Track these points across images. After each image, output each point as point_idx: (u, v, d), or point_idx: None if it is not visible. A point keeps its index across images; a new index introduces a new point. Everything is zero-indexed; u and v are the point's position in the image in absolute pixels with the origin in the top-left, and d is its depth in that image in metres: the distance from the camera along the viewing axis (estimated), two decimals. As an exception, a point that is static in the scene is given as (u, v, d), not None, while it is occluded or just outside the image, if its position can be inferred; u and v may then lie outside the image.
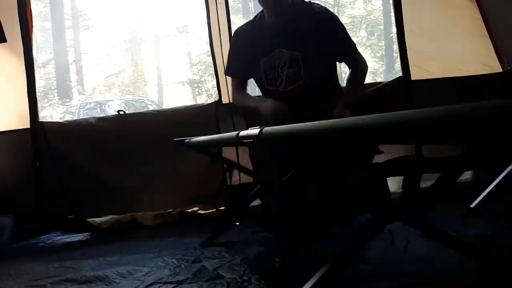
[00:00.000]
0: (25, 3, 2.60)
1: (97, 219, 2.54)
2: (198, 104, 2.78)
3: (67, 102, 12.31)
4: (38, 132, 2.61)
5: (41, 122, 2.65)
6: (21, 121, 2.62)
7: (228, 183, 2.52)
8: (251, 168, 2.55)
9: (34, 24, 2.71)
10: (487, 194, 2.01)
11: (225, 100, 2.67)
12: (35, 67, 2.72)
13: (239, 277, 1.47)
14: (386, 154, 1.70)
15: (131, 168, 2.58)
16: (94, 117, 2.74)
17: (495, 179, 2.01)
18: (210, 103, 2.72)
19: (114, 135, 2.60)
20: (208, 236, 1.97)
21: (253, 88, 2.32)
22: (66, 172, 2.55)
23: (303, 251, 1.73)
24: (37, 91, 2.70)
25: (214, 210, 2.48)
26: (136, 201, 2.58)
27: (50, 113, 11.68)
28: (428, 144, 1.82)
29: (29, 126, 2.62)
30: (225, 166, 2.43)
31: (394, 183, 2.19)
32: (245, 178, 2.58)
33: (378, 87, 2.49)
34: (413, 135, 0.68)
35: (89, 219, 2.54)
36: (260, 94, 2.15)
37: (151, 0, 15.47)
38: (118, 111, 2.71)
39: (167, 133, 2.29)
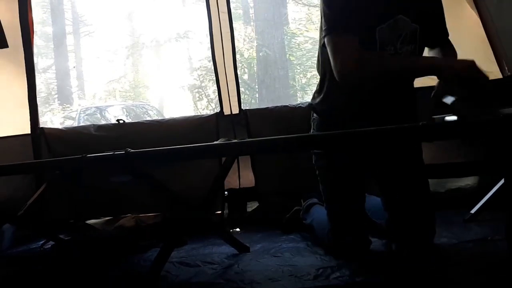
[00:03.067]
0: (26, 9, 2.62)
1: (99, 222, 2.54)
2: (199, 115, 2.75)
3: (68, 107, 12.31)
4: (39, 137, 2.62)
5: (42, 128, 2.66)
6: (22, 127, 2.63)
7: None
8: (251, 173, 2.56)
9: (35, 30, 2.72)
10: (487, 199, 2.02)
11: (226, 111, 2.66)
12: (36, 73, 2.73)
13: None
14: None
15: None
16: (93, 125, 2.71)
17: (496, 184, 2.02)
18: (210, 115, 2.67)
19: (113, 144, 2.59)
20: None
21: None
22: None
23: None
24: (37, 96, 2.71)
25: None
26: (135, 204, 2.58)
27: (50, 118, 11.67)
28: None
29: (29, 132, 2.63)
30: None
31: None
32: (245, 183, 2.57)
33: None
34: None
35: (91, 222, 2.54)
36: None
37: (152, 6, 15.53)
38: (118, 120, 2.70)
39: (166, 143, 2.28)
